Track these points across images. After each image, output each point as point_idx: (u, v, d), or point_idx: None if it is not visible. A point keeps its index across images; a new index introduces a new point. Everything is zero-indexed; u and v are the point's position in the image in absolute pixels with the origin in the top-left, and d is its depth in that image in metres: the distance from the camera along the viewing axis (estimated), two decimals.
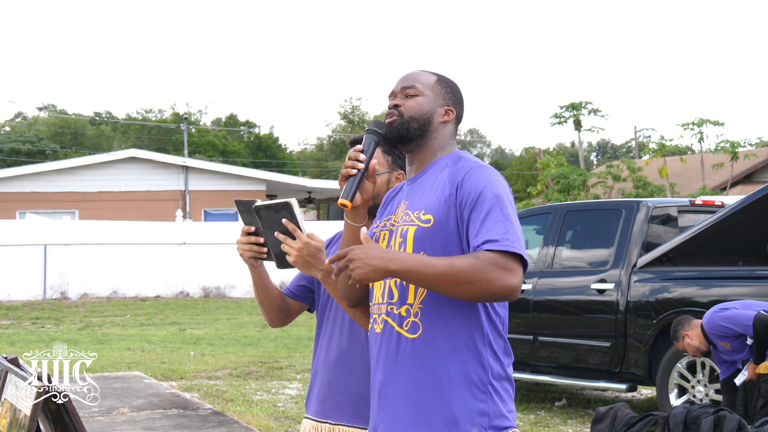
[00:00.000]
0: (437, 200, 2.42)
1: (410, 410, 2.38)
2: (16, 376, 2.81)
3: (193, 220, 25.62)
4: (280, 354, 12.04)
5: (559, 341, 8.25)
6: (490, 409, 2.36)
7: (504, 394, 2.41)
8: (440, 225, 2.39)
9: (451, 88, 2.62)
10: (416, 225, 2.43)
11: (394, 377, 2.42)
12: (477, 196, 2.37)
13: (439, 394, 2.35)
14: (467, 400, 2.34)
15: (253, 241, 2.74)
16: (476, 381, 2.36)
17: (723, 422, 5.61)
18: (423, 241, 2.40)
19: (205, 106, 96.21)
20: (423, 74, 2.62)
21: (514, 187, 37.14)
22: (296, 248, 2.59)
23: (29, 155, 47.32)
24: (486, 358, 2.38)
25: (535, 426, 7.65)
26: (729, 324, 6.32)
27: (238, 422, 7.38)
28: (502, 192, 2.39)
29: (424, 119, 2.53)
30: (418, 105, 2.54)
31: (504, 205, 2.36)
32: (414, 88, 2.56)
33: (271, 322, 3.00)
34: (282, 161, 56.34)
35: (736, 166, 26.72)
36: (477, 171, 2.42)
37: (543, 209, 9.37)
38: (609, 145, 69.56)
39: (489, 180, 2.40)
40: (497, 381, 2.39)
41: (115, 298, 20.70)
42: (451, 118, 2.59)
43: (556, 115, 28.15)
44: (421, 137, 2.53)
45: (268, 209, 2.60)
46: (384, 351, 2.46)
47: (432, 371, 2.36)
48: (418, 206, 2.46)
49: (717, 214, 7.54)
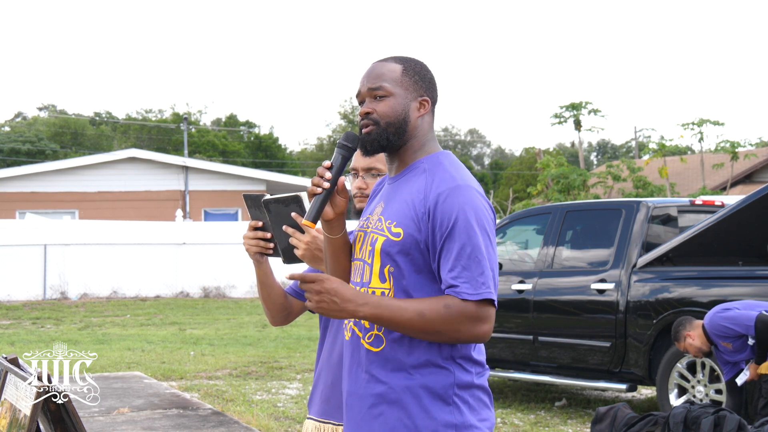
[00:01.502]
0: (409, 214, 2.36)
1: (373, 424, 2.36)
2: (16, 376, 2.81)
3: (193, 220, 25.62)
4: (280, 354, 12.03)
5: (559, 341, 8.25)
6: (457, 420, 2.32)
7: (475, 402, 2.36)
8: (408, 241, 2.34)
9: (419, 73, 2.47)
10: (385, 236, 2.38)
11: (358, 389, 2.41)
12: (452, 225, 2.29)
13: (402, 408, 2.32)
14: (432, 414, 2.31)
15: (259, 236, 2.72)
16: (441, 393, 2.32)
17: (723, 422, 5.61)
18: (390, 255, 2.36)
19: (205, 106, 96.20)
20: (387, 67, 2.46)
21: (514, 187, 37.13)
22: (305, 241, 2.57)
23: (29, 155, 47.31)
24: (450, 370, 2.33)
25: (535, 426, 7.65)
26: (731, 324, 6.31)
27: (238, 422, 7.38)
28: (478, 217, 2.31)
29: (400, 121, 2.42)
30: (391, 108, 2.42)
31: (478, 236, 2.29)
32: (382, 88, 2.42)
33: (273, 320, 2.99)
34: (282, 161, 56.33)
35: (736, 166, 26.70)
36: (453, 194, 2.31)
37: (543, 209, 9.37)
38: (609, 145, 69.55)
39: (464, 204, 2.30)
40: (464, 391, 2.34)
41: (115, 298, 20.70)
42: (428, 109, 2.47)
43: (556, 115, 28.13)
44: (400, 140, 2.44)
45: (277, 203, 2.58)
46: (349, 360, 2.45)
47: (395, 385, 2.33)
48: (390, 215, 2.41)
49: (717, 214, 7.54)
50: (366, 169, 2.91)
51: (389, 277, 2.36)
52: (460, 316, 2.24)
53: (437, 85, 2.53)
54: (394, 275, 2.36)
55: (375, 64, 2.49)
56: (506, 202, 29.09)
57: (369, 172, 2.91)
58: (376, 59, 2.53)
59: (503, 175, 51.25)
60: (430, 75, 2.50)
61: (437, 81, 2.54)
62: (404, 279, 2.35)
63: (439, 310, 2.25)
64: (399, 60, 2.48)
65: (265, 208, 2.61)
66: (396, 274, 2.35)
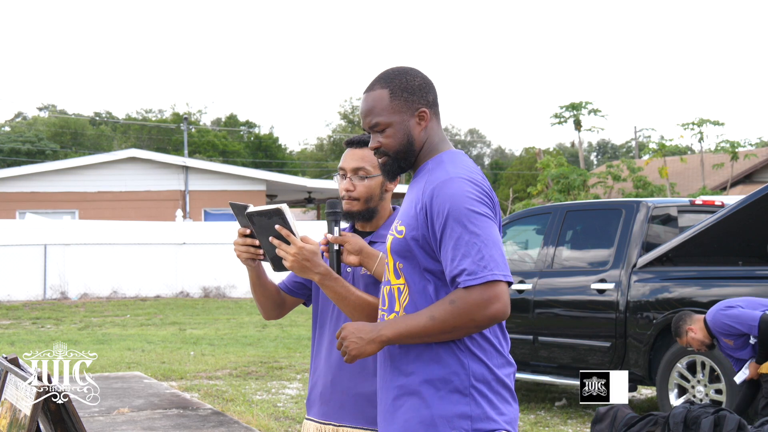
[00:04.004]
0: (412, 211, 2.45)
1: (396, 413, 2.44)
2: (16, 376, 2.80)
3: (193, 220, 25.60)
4: (280, 354, 12.04)
5: (559, 341, 8.25)
6: (473, 411, 2.36)
7: (493, 396, 2.39)
8: (410, 237, 2.42)
9: (407, 89, 2.49)
10: (393, 235, 2.49)
11: (383, 382, 2.52)
12: (445, 217, 2.35)
13: (421, 398, 2.39)
14: (446, 404, 2.37)
15: (249, 243, 2.75)
16: (457, 385, 2.37)
17: (723, 422, 5.60)
18: (398, 252, 2.46)
19: (205, 106, 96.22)
20: (375, 97, 2.50)
21: (514, 187, 37.10)
22: (292, 253, 2.62)
23: (29, 155, 47.30)
24: (466, 363, 2.38)
25: (535, 426, 7.65)
26: (733, 323, 6.29)
27: (238, 422, 7.38)
28: (470, 203, 2.35)
29: (405, 144, 2.49)
30: (393, 138, 2.49)
31: (473, 222, 2.33)
32: (379, 124, 2.49)
33: (267, 315, 3.04)
34: (282, 161, 56.33)
35: (736, 166, 26.71)
36: (443, 187, 2.38)
37: (543, 209, 9.36)
38: (609, 145, 69.53)
39: (454, 195, 2.36)
40: (482, 384, 2.38)
41: (115, 298, 20.69)
42: (428, 119, 2.50)
43: (556, 115, 28.18)
44: (412, 159, 2.51)
45: (260, 215, 2.63)
46: (381, 357, 2.54)
47: (413, 377, 2.41)
48: (401, 215, 2.51)
49: (717, 214, 7.54)
50: (354, 170, 2.88)
51: (402, 273, 2.46)
52: (468, 305, 2.30)
53: (430, 82, 2.54)
54: (404, 270, 2.45)
55: (365, 96, 2.53)
56: (506, 202, 29.08)
57: (357, 173, 2.88)
58: (365, 88, 2.54)
59: (503, 175, 51.22)
60: (419, 80, 2.51)
61: (431, 75, 2.57)
62: (412, 273, 2.44)
63: (446, 308, 2.31)
64: (384, 82, 2.50)
65: (250, 220, 2.66)
66: (406, 270, 2.45)
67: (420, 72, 2.53)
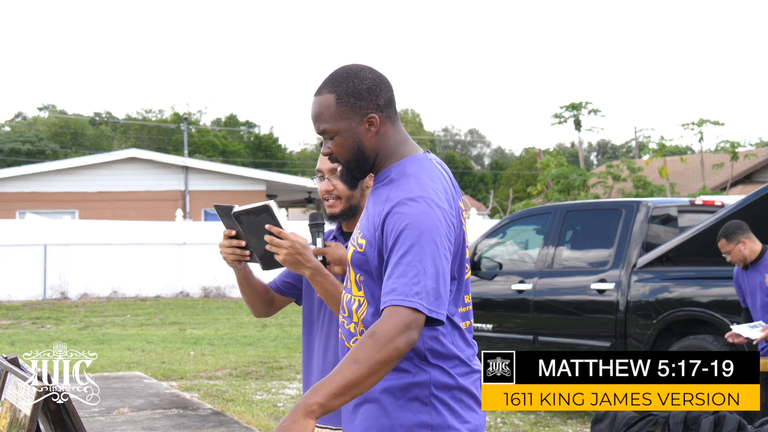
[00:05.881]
0: (372, 225, 2.35)
1: (355, 421, 2.42)
2: (16, 376, 2.80)
3: (193, 220, 25.60)
4: (280, 354, 12.04)
5: (559, 341, 8.25)
6: (433, 420, 2.31)
7: (455, 404, 2.34)
8: (369, 253, 2.35)
9: (353, 94, 2.36)
10: (354, 247, 2.41)
11: None
12: (397, 236, 2.24)
13: (379, 406, 2.35)
14: (406, 413, 2.32)
15: (234, 244, 2.76)
16: (417, 394, 2.32)
17: (723, 422, 5.61)
18: (357, 265, 2.40)
19: (205, 106, 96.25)
20: (322, 103, 2.38)
21: (514, 187, 37.12)
22: (285, 246, 2.63)
23: (29, 155, 47.30)
24: (427, 372, 2.33)
25: (535, 426, 7.65)
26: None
27: (238, 422, 7.38)
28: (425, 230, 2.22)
29: (355, 152, 2.38)
30: (341, 146, 2.37)
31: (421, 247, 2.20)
32: (327, 131, 2.38)
33: (257, 313, 3.04)
34: (282, 161, 56.33)
35: (736, 166, 26.72)
36: (402, 206, 2.26)
37: (543, 209, 9.37)
38: (609, 145, 69.55)
39: (411, 217, 2.23)
40: (443, 392, 2.33)
41: (115, 298, 20.69)
42: (377, 124, 2.37)
43: (556, 115, 28.20)
44: (366, 166, 2.41)
45: (247, 214, 2.63)
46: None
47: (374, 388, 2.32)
48: (361, 225, 2.42)
49: (717, 214, 7.54)
50: (331, 171, 2.90)
51: (362, 286, 2.40)
52: (388, 333, 2.15)
53: (382, 83, 2.39)
54: (364, 283, 2.39)
55: (313, 99, 2.42)
56: (506, 202, 29.09)
57: (334, 173, 2.89)
58: (315, 90, 2.43)
59: (503, 175, 51.24)
60: (368, 82, 2.37)
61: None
62: (373, 287, 2.37)
63: (366, 344, 2.15)
64: (330, 86, 2.38)
65: (237, 220, 2.66)
66: (366, 283, 2.39)
67: (371, 72, 2.39)
